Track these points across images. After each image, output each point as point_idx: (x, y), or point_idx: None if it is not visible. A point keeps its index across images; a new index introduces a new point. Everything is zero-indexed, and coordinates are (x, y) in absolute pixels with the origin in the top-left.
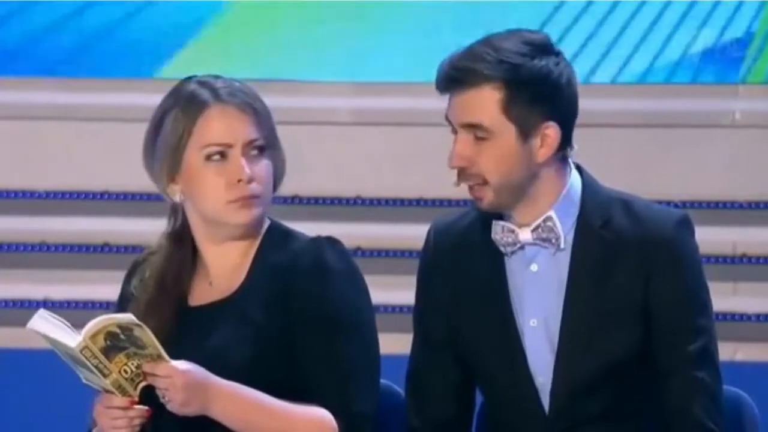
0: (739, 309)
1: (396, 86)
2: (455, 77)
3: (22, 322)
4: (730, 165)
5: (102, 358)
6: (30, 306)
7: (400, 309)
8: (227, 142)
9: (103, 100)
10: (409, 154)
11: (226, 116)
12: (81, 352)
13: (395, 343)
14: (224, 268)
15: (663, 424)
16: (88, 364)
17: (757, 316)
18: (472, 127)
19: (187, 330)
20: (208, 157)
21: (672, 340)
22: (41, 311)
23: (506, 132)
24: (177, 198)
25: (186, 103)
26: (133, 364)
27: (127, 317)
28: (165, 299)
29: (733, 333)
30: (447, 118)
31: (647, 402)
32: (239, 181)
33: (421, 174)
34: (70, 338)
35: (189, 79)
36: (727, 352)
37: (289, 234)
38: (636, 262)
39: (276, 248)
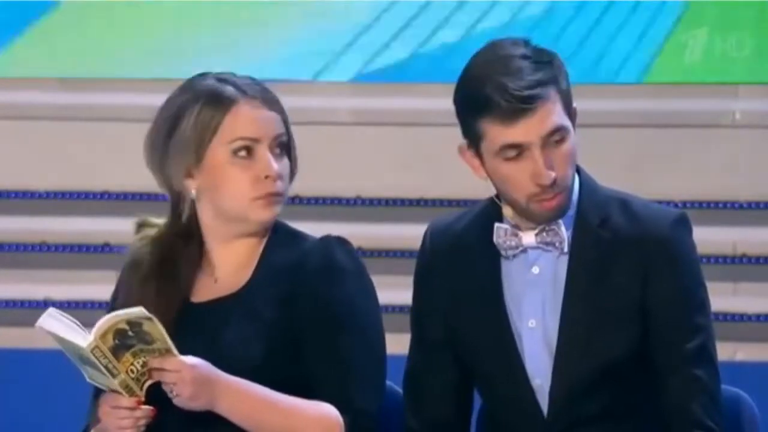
0: (739, 309)
1: (396, 86)
2: (530, 96)
3: (23, 322)
4: (730, 165)
5: (111, 357)
6: (30, 306)
7: (400, 309)
8: (255, 136)
9: (103, 100)
10: (409, 154)
11: (255, 111)
12: (92, 352)
13: (396, 343)
14: (231, 265)
15: (661, 424)
16: (98, 364)
17: (757, 316)
18: (551, 134)
19: (191, 327)
20: (235, 153)
21: (670, 339)
22: (51, 310)
23: (569, 124)
24: (192, 194)
25: (210, 98)
26: (139, 362)
27: (138, 311)
28: (170, 295)
29: (733, 333)
30: (507, 146)
31: (645, 402)
32: (266, 177)
33: (422, 174)
34: (81, 338)
35: (202, 76)
36: (727, 352)
37: (296, 234)
38: (633, 261)
39: (283, 247)
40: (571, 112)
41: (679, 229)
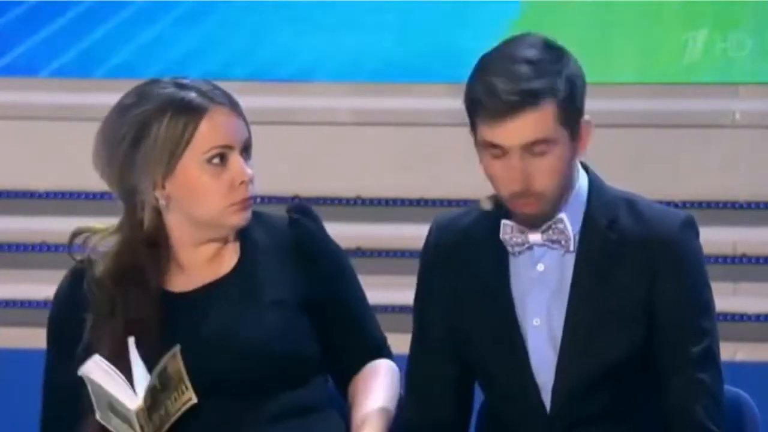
0: (739, 309)
1: (395, 86)
2: (516, 102)
3: (23, 323)
4: (730, 165)
5: (148, 422)
6: (30, 306)
7: (400, 309)
8: (229, 143)
9: (103, 99)
10: (409, 154)
11: (225, 118)
12: (136, 414)
13: (396, 343)
14: (201, 260)
15: (662, 425)
16: (135, 424)
17: (758, 316)
18: (533, 144)
19: (176, 315)
20: (209, 161)
21: (674, 341)
22: (96, 357)
23: (562, 138)
24: (161, 203)
25: (179, 108)
26: (158, 415)
27: (168, 354)
28: (144, 293)
29: (733, 333)
30: (490, 144)
31: (646, 402)
32: (241, 183)
33: (422, 174)
34: (127, 397)
35: (156, 82)
36: (728, 352)
37: (259, 214)
38: (640, 263)
39: (258, 229)
40: (573, 124)
41: (687, 231)
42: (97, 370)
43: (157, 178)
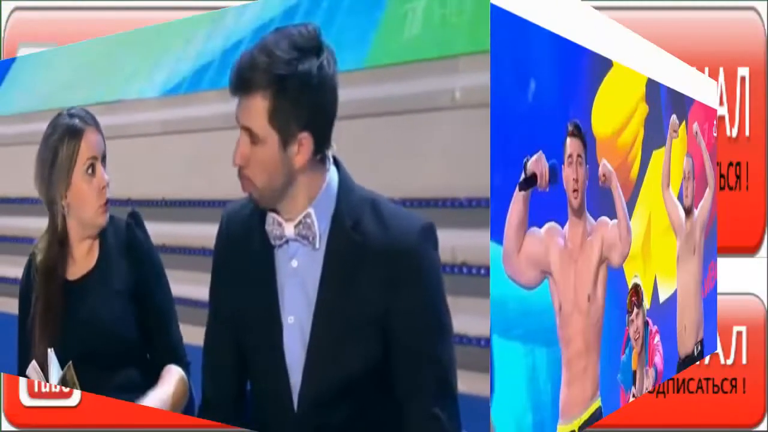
0: (459, 330)
1: (180, 98)
2: (235, 84)
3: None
4: (450, 155)
5: None
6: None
7: (189, 302)
8: (96, 155)
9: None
10: (195, 159)
11: (94, 135)
12: None
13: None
14: (82, 254)
15: None
16: None
17: (479, 340)
18: (247, 130)
19: (69, 299)
20: (86, 171)
21: (407, 365)
22: (33, 362)
23: (270, 139)
24: (65, 210)
25: (70, 132)
26: None
27: (65, 367)
28: (56, 281)
29: None
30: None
31: (388, 424)
32: (103, 188)
33: (203, 177)
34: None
35: (60, 114)
36: None
37: (112, 217)
38: (378, 272)
39: (110, 229)
40: (287, 132)
41: (424, 240)
42: (32, 372)
43: (62, 191)
